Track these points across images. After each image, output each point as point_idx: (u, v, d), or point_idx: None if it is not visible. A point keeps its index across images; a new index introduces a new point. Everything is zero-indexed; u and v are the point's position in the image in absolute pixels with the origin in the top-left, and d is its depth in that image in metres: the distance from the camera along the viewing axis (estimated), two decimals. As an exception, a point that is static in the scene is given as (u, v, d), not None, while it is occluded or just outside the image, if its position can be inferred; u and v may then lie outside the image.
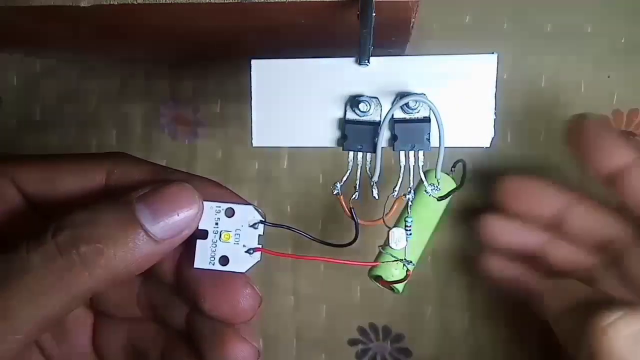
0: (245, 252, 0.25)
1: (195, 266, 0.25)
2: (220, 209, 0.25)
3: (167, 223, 0.23)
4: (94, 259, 0.22)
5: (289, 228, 0.26)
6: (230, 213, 0.25)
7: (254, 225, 0.25)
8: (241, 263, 0.25)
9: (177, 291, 0.26)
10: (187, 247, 0.25)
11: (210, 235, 0.25)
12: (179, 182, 0.24)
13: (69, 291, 0.22)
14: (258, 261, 0.25)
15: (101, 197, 0.25)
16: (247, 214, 0.25)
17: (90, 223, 0.22)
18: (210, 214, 0.25)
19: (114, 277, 0.22)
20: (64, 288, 0.22)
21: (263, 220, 0.25)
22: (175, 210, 0.23)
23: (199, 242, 0.25)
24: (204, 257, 0.25)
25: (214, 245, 0.25)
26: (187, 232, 0.24)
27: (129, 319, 0.28)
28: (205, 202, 0.25)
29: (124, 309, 0.28)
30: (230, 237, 0.25)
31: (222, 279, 0.25)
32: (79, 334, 0.28)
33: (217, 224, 0.25)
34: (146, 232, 0.22)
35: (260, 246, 0.25)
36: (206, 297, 0.25)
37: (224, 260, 0.25)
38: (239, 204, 0.25)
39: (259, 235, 0.25)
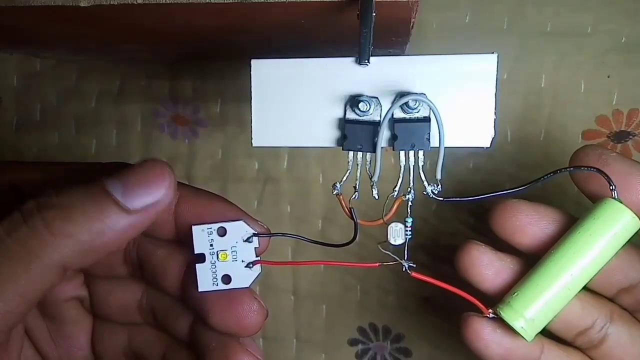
0: (245, 267, 0.25)
1: (199, 290, 0.25)
2: (211, 230, 0.25)
3: (137, 192, 0.22)
4: (59, 225, 0.21)
5: (283, 235, 0.26)
6: (222, 232, 0.25)
7: (248, 240, 0.25)
8: (244, 279, 0.25)
9: (182, 303, 0.26)
10: (191, 267, 0.25)
11: (208, 258, 0.25)
12: (149, 159, 0.24)
13: (38, 261, 0.21)
14: (259, 273, 0.25)
15: None
16: (238, 229, 0.25)
17: (58, 193, 0.22)
18: (203, 236, 0.25)
19: (87, 248, 0.22)
20: (33, 258, 0.21)
21: (256, 232, 0.25)
22: (145, 181, 0.23)
23: (198, 266, 0.25)
24: (206, 280, 0.25)
25: (214, 267, 0.25)
26: (161, 204, 0.23)
27: (129, 324, 0.28)
28: (195, 226, 0.25)
29: (124, 315, 0.28)
30: (228, 256, 0.25)
31: (229, 294, 0.25)
32: (78, 337, 0.28)
33: (212, 245, 0.25)
34: (116, 201, 0.22)
35: (258, 259, 0.25)
36: (213, 312, 0.25)
37: (227, 279, 0.25)
38: (228, 221, 0.25)
39: (255, 248, 0.25)
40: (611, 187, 0.24)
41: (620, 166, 0.25)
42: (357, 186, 0.24)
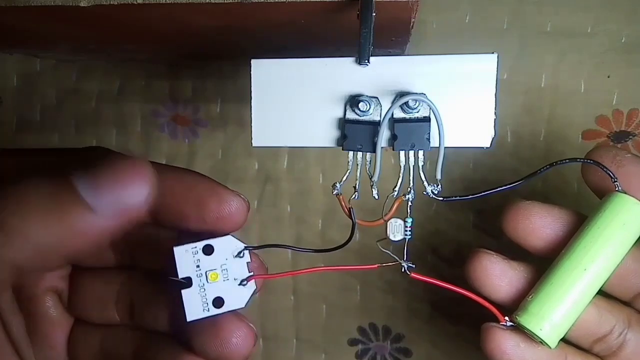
0: (239, 284, 0.23)
1: (188, 320, 0.22)
2: (196, 249, 0.22)
3: (108, 191, 0.19)
4: (14, 222, 0.19)
5: (276, 246, 0.25)
6: (209, 250, 0.22)
7: (239, 255, 0.23)
8: (238, 298, 0.23)
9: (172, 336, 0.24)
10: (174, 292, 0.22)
11: (195, 281, 0.22)
12: (125, 155, 0.20)
13: None
14: (255, 289, 0.23)
15: None
16: (227, 245, 0.23)
17: (16, 184, 0.19)
18: (187, 258, 0.22)
19: (47, 250, 0.20)
20: None
21: (247, 246, 0.23)
22: (118, 180, 0.19)
23: (184, 292, 0.22)
24: (195, 307, 0.22)
25: (203, 290, 0.22)
26: (136, 209, 0.20)
27: (104, 325, 0.26)
28: (177, 247, 0.22)
29: (101, 310, 0.26)
30: (218, 276, 0.22)
31: (213, 319, 0.22)
32: (56, 338, 0.26)
33: (198, 266, 0.22)
34: (82, 199, 0.19)
35: (252, 274, 0.23)
36: (195, 340, 0.23)
37: (219, 301, 0.22)
38: (215, 237, 0.22)
39: (248, 262, 0.23)
40: (613, 180, 0.24)
41: (635, 167, 0.24)
42: (357, 186, 0.24)
